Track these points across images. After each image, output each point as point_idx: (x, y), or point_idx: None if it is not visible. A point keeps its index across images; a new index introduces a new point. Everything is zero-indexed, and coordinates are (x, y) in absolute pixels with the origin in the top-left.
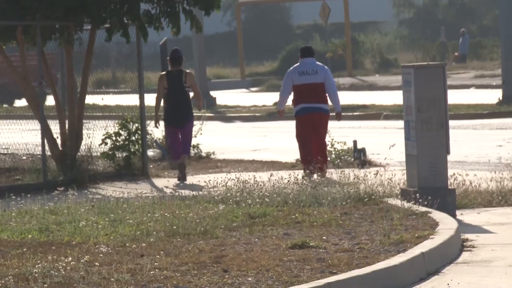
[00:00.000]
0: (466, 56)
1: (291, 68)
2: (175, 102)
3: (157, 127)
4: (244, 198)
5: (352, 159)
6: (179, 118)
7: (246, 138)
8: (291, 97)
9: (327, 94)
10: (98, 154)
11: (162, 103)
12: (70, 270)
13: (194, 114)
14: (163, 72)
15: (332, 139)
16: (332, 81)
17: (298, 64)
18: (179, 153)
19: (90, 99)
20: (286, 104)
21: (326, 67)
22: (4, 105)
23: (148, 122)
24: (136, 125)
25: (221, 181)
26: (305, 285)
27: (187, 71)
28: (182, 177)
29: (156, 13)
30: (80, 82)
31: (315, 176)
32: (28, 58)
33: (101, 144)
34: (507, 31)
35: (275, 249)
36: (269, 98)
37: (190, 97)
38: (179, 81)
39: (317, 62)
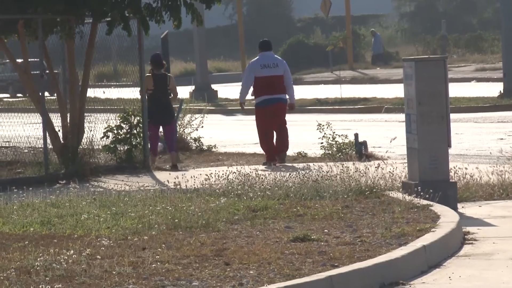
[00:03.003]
0: (383, 56)
1: (252, 61)
2: (161, 103)
3: None
4: (246, 191)
5: (354, 152)
6: (164, 117)
7: (248, 131)
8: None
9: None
10: (100, 147)
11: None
12: (72, 263)
13: (195, 108)
14: (149, 74)
15: (333, 132)
16: (289, 74)
17: (258, 57)
18: (156, 149)
19: (91, 93)
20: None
21: (284, 61)
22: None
23: None
24: (138, 118)
25: (223, 174)
26: (307, 278)
27: (169, 75)
28: (174, 167)
29: (157, 6)
30: (82, 75)
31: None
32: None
33: (102, 137)
34: (508, 24)
35: (276, 242)
36: None
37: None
38: (164, 84)
39: (276, 56)
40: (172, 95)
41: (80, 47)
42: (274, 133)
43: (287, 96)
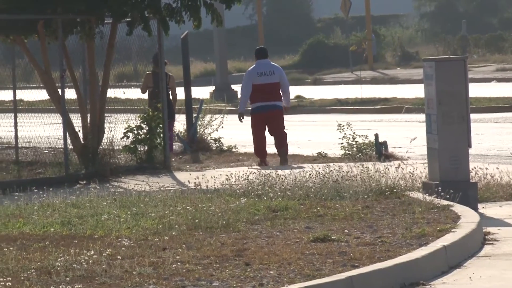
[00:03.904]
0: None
1: (249, 69)
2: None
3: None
4: (266, 192)
5: (374, 153)
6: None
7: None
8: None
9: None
10: (120, 147)
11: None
12: (92, 264)
13: (215, 108)
14: (149, 72)
15: (354, 133)
16: (286, 80)
17: (255, 65)
18: None
19: (111, 93)
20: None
21: (280, 67)
22: None
23: None
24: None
25: (243, 174)
26: (327, 279)
27: (170, 74)
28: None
29: (177, 7)
30: (102, 75)
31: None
32: None
33: (122, 137)
34: None
35: (297, 243)
36: (290, 92)
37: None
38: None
39: (272, 63)
40: (171, 95)
41: (100, 48)
42: (272, 137)
43: (283, 103)
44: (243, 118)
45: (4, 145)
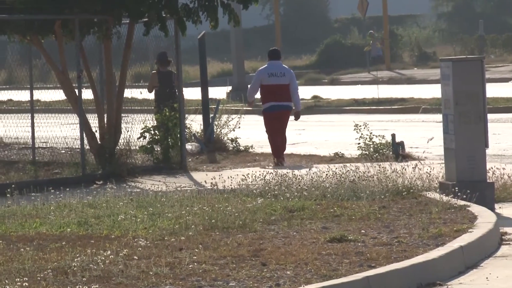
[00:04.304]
0: (382, 58)
1: (261, 68)
2: (166, 99)
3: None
4: (283, 192)
5: (391, 153)
6: None
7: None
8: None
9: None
10: (137, 147)
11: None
12: (109, 264)
13: (232, 108)
14: (154, 71)
15: (371, 133)
16: (295, 83)
17: (266, 65)
18: None
19: (128, 93)
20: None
21: (291, 70)
22: None
23: (186, 115)
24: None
25: (260, 174)
26: (344, 279)
27: (175, 72)
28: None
29: (194, 7)
30: (119, 76)
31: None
32: None
33: (139, 137)
34: None
35: (313, 243)
36: (307, 92)
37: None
38: (169, 80)
39: (283, 65)
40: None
41: (117, 48)
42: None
43: (293, 104)
44: (253, 103)
45: (21, 145)
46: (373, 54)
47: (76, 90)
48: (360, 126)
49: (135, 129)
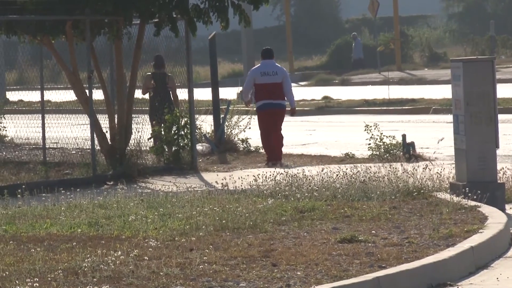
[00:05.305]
0: (363, 61)
1: (253, 68)
2: (160, 100)
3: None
4: (293, 192)
5: (401, 153)
6: (162, 115)
7: (295, 132)
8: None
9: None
10: (147, 148)
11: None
12: (119, 264)
13: (242, 109)
14: (149, 73)
15: (381, 134)
16: (288, 81)
17: (259, 65)
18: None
19: (139, 94)
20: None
21: (284, 68)
22: None
23: (197, 116)
24: (185, 119)
25: (270, 175)
26: (354, 279)
27: (169, 74)
28: None
29: (205, 7)
30: (129, 76)
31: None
32: None
33: (150, 138)
34: None
35: (324, 243)
36: (318, 92)
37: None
38: (163, 82)
39: (276, 64)
40: (172, 96)
41: (128, 48)
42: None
43: (286, 102)
44: (250, 103)
45: (32, 146)
46: (355, 56)
47: (87, 91)
48: (371, 126)
49: (145, 130)
